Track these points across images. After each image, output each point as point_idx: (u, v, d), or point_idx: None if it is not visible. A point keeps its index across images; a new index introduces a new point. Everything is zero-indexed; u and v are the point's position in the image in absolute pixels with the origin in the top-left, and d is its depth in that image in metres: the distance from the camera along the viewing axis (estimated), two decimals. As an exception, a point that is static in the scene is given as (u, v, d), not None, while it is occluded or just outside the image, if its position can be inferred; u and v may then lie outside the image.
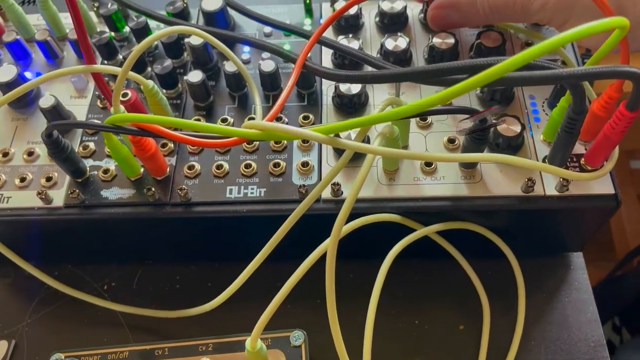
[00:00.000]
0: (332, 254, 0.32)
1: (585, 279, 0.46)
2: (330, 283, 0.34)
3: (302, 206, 0.36)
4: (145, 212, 0.40)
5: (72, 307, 0.46)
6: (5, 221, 0.41)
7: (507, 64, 0.24)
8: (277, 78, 0.44)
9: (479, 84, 0.24)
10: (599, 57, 0.32)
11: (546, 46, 0.24)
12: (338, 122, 0.29)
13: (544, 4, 0.38)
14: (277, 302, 0.34)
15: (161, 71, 0.43)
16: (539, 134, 0.41)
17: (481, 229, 0.41)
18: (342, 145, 0.30)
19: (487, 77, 0.24)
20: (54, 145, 0.38)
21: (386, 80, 0.35)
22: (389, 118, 0.27)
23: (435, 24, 0.44)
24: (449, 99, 0.26)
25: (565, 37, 0.24)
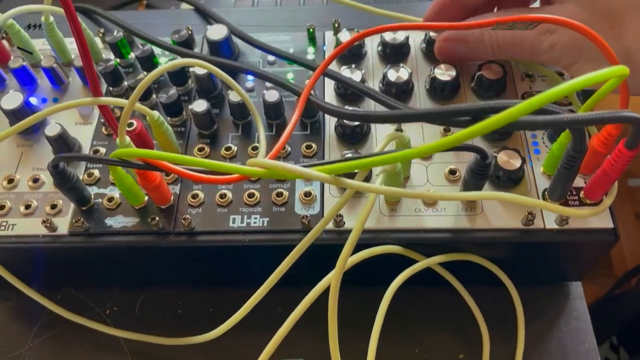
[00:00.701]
0: (335, 294, 0.32)
1: (584, 308, 0.46)
2: (333, 317, 0.34)
3: (304, 241, 0.36)
4: (149, 241, 0.41)
5: (74, 332, 0.46)
6: (10, 248, 0.41)
7: (521, 108, 0.25)
8: (281, 107, 0.44)
9: (489, 128, 0.25)
10: (598, 99, 0.32)
11: (556, 93, 0.24)
12: (342, 163, 0.29)
13: (553, 44, 0.38)
14: (281, 335, 0.34)
15: (166, 100, 0.44)
16: (539, 167, 0.42)
17: (481, 260, 0.41)
18: (345, 185, 0.30)
19: (499, 121, 0.25)
20: (60, 175, 0.38)
21: (391, 121, 0.36)
22: (394, 159, 0.28)
23: (442, 56, 0.45)
24: (461, 142, 0.26)
25: (573, 86, 0.25)
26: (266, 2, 0.64)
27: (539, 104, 0.24)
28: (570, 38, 0.37)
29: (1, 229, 0.41)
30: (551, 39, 0.38)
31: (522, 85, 0.46)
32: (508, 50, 0.41)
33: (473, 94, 0.45)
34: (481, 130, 0.25)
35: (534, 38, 0.39)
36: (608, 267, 1.11)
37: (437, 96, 0.45)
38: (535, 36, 0.39)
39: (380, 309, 0.39)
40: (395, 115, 0.33)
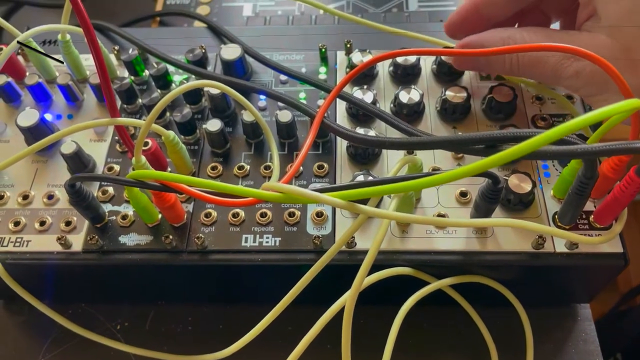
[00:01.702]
0: (349, 318, 0.33)
1: (593, 331, 0.46)
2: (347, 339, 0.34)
3: (318, 264, 0.36)
4: (162, 259, 0.41)
5: (86, 347, 0.47)
6: (25, 264, 0.42)
7: (544, 138, 0.25)
8: (293, 127, 0.45)
9: (510, 157, 0.25)
10: (608, 129, 0.33)
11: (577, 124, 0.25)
12: (358, 189, 0.30)
13: (578, 72, 0.37)
14: (295, 356, 0.34)
15: (181, 119, 0.44)
16: (549, 190, 0.42)
17: (492, 282, 0.42)
18: (360, 211, 0.31)
19: (522, 150, 0.25)
20: (76, 195, 0.38)
21: (406, 148, 0.36)
22: (409, 188, 0.28)
23: (459, 63, 0.45)
24: (481, 171, 0.27)
25: (593, 117, 0.25)
26: (278, 21, 0.64)
27: (561, 134, 0.25)
28: (597, 68, 0.34)
29: (16, 246, 0.42)
30: (576, 66, 0.37)
31: (532, 108, 0.46)
32: (528, 70, 0.40)
33: (484, 116, 0.46)
34: (502, 159, 0.25)
35: (557, 62, 0.38)
36: (612, 283, 1.11)
37: (448, 117, 0.46)
38: (560, 60, 0.38)
39: (391, 333, 0.39)
40: (410, 143, 0.33)
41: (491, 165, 0.26)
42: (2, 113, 0.49)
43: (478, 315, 0.44)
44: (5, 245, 0.42)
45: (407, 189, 0.28)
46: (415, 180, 0.27)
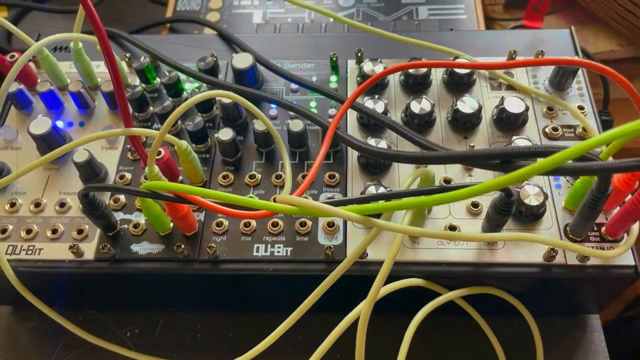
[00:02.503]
0: (363, 330, 0.33)
1: (602, 341, 0.46)
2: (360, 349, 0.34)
3: (332, 276, 0.36)
4: (173, 268, 0.41)
5: (96, 354, 0.47)
6: (36, 272, 0.42)
7: (566, 155, 0.25)
8: (305, 137, 0.45)
9: (534, 173, 0.25)
10: (620, 144, 0.33)
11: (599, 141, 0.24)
12: (373, 204, 0.30)
13: None
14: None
15: (193, 128, 0.44)
16: (560, 202, 0.42)
17: (503, 294, 0.42)
18: (374, 225, 0.31)
19: (548, 165, 0.25)
20: (89, 204, 0.39)
21: (422, 162, 0.36)
22: (427, 203, 0.28)
23: None
24: (501, 187, 0.27)
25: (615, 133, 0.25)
26: (288, 29, 0.64)
27: (583, 151, 0.25)
28: None
29: (28, 253, 0.42)
30: None
31: (543, 119, 0.46)
32: None
33: (494, 126, 0.46)
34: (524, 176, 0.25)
35: None
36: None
37: (459, 128, 0.46)
38: None
39: (403, 344, 0.40)
40: (426, 157, 0.33)
41: (512, 181, 0.26)
42: (14, 120, 0.49)
43: (487, 325, 0.44)
44: (17, 253, 0.42)
45: (424, 204, 0.28)
46: (433, 196, 0.27)
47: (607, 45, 0.71)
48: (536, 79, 0.49)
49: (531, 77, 0.49)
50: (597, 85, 0.61)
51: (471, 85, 0.48)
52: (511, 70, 0.49)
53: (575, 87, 0.48)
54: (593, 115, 0.46)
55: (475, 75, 0.49)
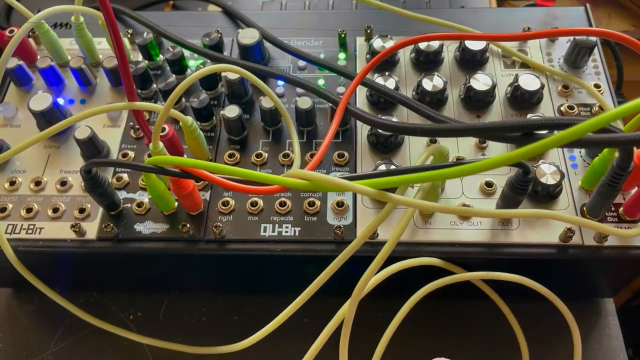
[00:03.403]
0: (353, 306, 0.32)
1: (616, 325, 0.45)
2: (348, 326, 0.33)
3: (342, 256, 0.35)
4: (178, 248, 0.40)
5: (98, 337, 0.46)
6: (37, 252, 0.41)
7: (587, 126, 0.23)
8: (313, 115, 0.44)
9: (558, 143, 0.24)
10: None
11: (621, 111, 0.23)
12: (389, 177, 0.29)
13: None
14: (317, 348, 0.33)
15: (198, 105, 0.43)
16: (576, 181, 0.41)
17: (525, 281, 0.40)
18: (390, 200, 0.30)
19: (567, 137, 0.23)
20: (92, 181, 0.37)
21: (442, 135, 0.35)
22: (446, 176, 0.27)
23: None
24: (521, 159, 0.25)
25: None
26: (295, 6, 0.63)
27: (604, 123, 0.23)
28: None
29: (29, 233, 0.41)
30: None
31: (558, 97, 0.45)
32: None
33: (508, 105, 0.45)
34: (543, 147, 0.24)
35: None
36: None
37: (472, 106, 0.44)
38: None
39: (396, 318, 0.39)
40: (443, 130, 0.32)
41: (532, 154, 0.25)
42: (13, 97, 0.48)
43: (508, 308, 0.43)
44: (17, 232, 0.41)
45: (442, 176, 0.27)
46: (451, 168, 0.26)
47: (620, 25, 0.69)
48: (551, 56, 0.47)
49: (545, 55, 0.47)
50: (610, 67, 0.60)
51: (484, 63, 0.47)
52: (525, 48, 0.48)
53: (591, 65, 0.46)
54: (609, 93, 0.45)
55: (488, 52, 0.47)
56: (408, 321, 0.40)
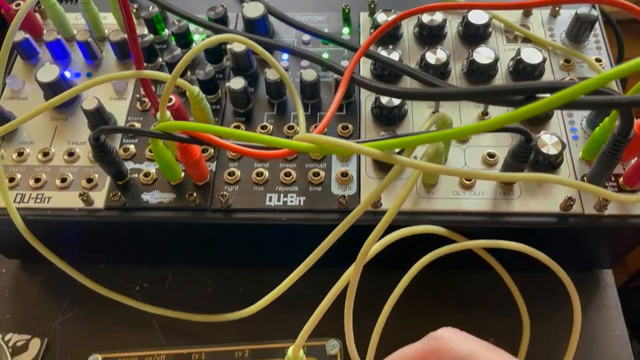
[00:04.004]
0: (359, 268, 0.32)
1: (615, 297, 0.46)
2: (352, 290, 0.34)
3: (345, 222, 0.36)
4: (185, 217, 0.41)
5: (105, 307, 0.46)
6: (45, 221, 0.41)
7: (582, 87, 0.24)
8: (318, 87, 0.44)
9: (552, 105, 0.25)
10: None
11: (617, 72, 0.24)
12: (395, 139, 0.29)
13: None
14: (322, 310, 0.34)
15: (204, 77, 0.43)
16: (577, 152, 0.41)
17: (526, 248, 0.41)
18: (396, 162, 0.30)
19: (562, 98, 0.24)
20: (100, 148, 0.38)
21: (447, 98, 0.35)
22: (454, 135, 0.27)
23: None
24: (522, 118, 0.26)
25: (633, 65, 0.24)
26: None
27: (602, 83, 0.24)
28: None
29: (37, 202, 0.41)
30: None
31: (560, 71, 0.45)
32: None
33: (510, 78, 0.45)
34: (543, 107, 0.25)
35: None
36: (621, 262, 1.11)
37: (474, 79, 0.45)
38: None
39: (399, 285, 0.39)
40: (448, 93, 0.32)
41: (531, 112, 0.25)
42: (20, 71, 0.48)
43: (510, 277, 0.44)
44: (26, 201, 0.41)
45: (449, 136, 0.27)
46: (454, 129, 0.27)
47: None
48: (552, 31, 0.48)
49: (547, 30, 0.48)
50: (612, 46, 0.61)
51: (486, 38, 0.48)
52: (527, 23, 0.48)
53: (593, 40, 0.47)
54: (611, 67, 0.45)
55: (490, 27, 0.48)
56: (411, 292, 0.41)
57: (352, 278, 0.33)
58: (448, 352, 0.31)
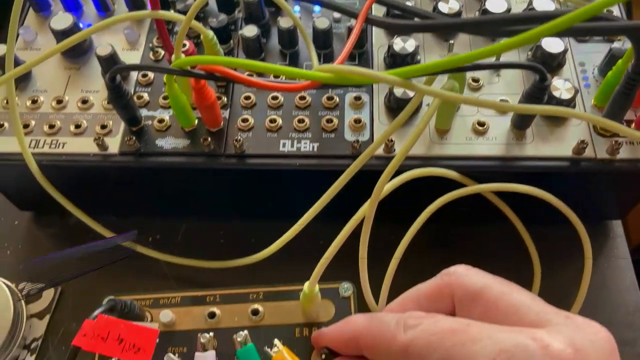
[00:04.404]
0: (373, 206, 0.33)
1: (625, 247, 0.46)
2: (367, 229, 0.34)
3: (358, 162, 0.36)
4: (199, 162, 0.41)
5: (117, 258, 0.47)
6: (60, 166, 0.41)
7: (578, 14, 0.24)
8: (331, 36, 0.44)
9: (549, 32, 0.25)
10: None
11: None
12: (416, 65, 0.29)
13: None
14: (338, 243, 0.34)
15: (217, 25, 0.43)
16: (589, 100, 0.42)
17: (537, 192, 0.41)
18: (416, 89, 0.30)
19: (557, 26, 0.24)
20: (116, 90, 0.38)
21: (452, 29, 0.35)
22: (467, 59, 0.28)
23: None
24: (519, 46, 0.26)
25: None
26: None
27: (599, 9, 0.24)
28: None
29: (52, 147, 0.41)
30: None
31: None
32: None
33: (522, 29, 0.45)
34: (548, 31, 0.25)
35: None
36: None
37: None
38: None
39: (415, 222, 0.40)
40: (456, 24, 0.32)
41: (529, 40, 0.25)
42: (32, 23, 0.48)
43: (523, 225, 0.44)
44: (41, 146, 0.42)
45: (470, 58, 0.27)
46: (474, 52, 0.27)
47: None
48: (564, -16, 0.48)
49: (559, -18, 0.48)
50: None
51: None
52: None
53: (604, -8, 0.47)
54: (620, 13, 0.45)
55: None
56: (423, 244, 0.42)
57: (368, 213, 0.34)
58: (462, 286, 0.31)
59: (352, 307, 0.40)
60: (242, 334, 0.36)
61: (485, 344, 0.25)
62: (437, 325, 0.28)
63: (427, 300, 0.33)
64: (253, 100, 0.43)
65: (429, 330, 0.28)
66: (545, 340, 0.25)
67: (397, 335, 0.29)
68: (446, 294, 0.32)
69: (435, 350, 0.27)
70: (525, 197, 0.41)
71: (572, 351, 0.25)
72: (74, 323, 0.45)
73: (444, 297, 0.32)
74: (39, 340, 0.44)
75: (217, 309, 0.39)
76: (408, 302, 0.34)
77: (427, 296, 0.33)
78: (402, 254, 0.41)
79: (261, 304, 0.39)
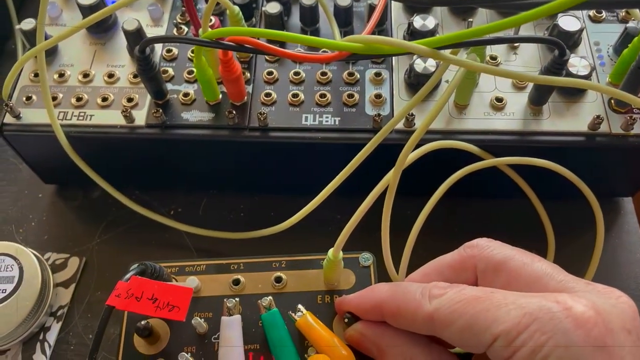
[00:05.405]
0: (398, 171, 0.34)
1: (635, 223, 0.48)
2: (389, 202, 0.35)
3: (381, 133, 0.36)
4: (224, 135, 0.42)
5: (141, 229, 0.48)
6: (88, 137, 0.42)
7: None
8: (351, 14, 0.45)
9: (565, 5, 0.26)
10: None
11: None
12: (444, 35, 0.30)
13: None
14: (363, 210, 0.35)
15: (241, 1, 0.44)
16: (604, 78, 0.43)
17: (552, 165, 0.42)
18: (443, 59, 0.31)
19: None
20: (144, 61, 0.39)
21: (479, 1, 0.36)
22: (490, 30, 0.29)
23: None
24: (542, 16, 0.27)
25: None
26: None
27: None
28: None
29: (80, 119, 0.42)
30: None
31: (586, 3, 0.46)
32: None
33: (538, 9, 0.46)
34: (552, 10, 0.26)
35: None
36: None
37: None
38: None
39: (436, 194, 0.42)
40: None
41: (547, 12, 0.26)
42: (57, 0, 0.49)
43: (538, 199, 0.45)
44: (69, 118, 0.43)
45: (496, 28, 0.28)
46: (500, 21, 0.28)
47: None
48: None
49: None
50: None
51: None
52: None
53: (619, -26, 0.48)
54: (636, 0, 0.46)
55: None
56: (442, 219, 0.43)
57: (392, 181, 0.35)
58: (484, 258, 0.32)
59: (372, 277, 0.41)
60: (267, 299, 0.37)
61: (510, 309, 0.26)
62: (461, 293, 0.28)
63: (450, 272, 0.33)
64: (275, 75, 0.44)
65: (454, 299, 0.28)
66: (569, 303, 0.26)
67: (423, 304, 0.29)
68: (469, 265, 0.32)
69: (461, 316, 0.27)
70: (540, 172, 0.42)
71: (594, 313, 0.25)
72: (98, 292, 0.46)
73: (466, 269, 0.32)
74: (64, 308, 0.45)
75: (241, 277, 0.40)
76: (431, 273, 0.34)
77: (450, 267, 0.33)
78: (422, 224, 0.42)
79: (284, 272, 0.40)
